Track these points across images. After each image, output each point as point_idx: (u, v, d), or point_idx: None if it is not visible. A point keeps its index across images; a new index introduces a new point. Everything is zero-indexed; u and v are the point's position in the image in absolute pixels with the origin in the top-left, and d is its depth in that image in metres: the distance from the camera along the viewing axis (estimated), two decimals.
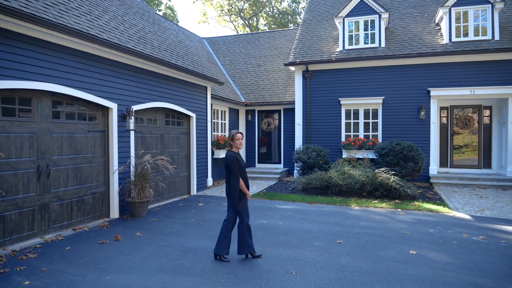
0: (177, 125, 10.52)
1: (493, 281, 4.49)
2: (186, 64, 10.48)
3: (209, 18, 40.39)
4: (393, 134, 12.72)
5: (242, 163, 5.20)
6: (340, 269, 4.91)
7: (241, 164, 5.17)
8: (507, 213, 8.15)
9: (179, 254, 5.52)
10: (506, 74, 11.78)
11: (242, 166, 5.18)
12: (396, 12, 14.81)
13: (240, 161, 5.15)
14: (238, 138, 5.19)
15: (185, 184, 10.87)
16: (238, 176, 5.08)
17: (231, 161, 5.07)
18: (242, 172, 5.18)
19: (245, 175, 5.25)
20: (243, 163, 5.26)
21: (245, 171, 5.29)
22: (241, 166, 5.15)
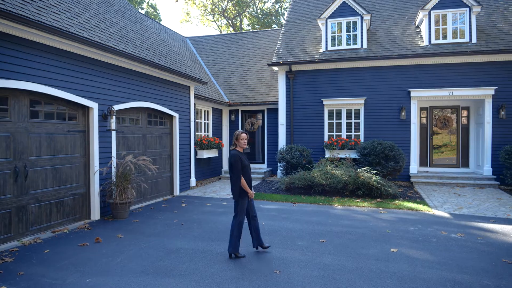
0: (160, 125, 10.41)
1: (471, 277, 4.61)
2: (169, 64, 10.38)
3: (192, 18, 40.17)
4: (374, 134, 12.92)
5: (245, 162, 5.25)
6: (323, 268, 4.95)
7: (244, 163, 5.22)
8: (484, 211, 8.38)
9: (162, 255, 5.47)
10: (483, 76, 12.12)
11: (245, 165, 5.24)
12: (378, 14, 15.05)
13: (243, 160, 5.21)
14: (242, 138, 5.27)
15: (168, 185, 10.77)
16: (240, 174, 5.16)
17: (234, 160, 5.15)
18: (245, 171, 5.25)
19: (248, 174, 5.30)
20: (247, 162, 5.32)
21: (249, 170, 5.35)
22: (243, 165, 5.21)
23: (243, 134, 5.29)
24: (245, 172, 5.25)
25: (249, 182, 5.32)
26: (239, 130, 5.37)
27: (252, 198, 5.46)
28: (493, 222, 7.42)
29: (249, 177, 5.31)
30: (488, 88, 11.93)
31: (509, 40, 12.08)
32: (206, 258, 5.34)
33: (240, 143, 5.29)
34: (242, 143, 5.29)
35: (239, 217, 5.32)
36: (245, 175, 5.25)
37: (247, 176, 5.28)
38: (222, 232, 6.73)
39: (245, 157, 5.33)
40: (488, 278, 4.57)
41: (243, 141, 5.29)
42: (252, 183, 12.82)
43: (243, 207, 5.32)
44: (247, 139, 5.34)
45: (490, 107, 11.99)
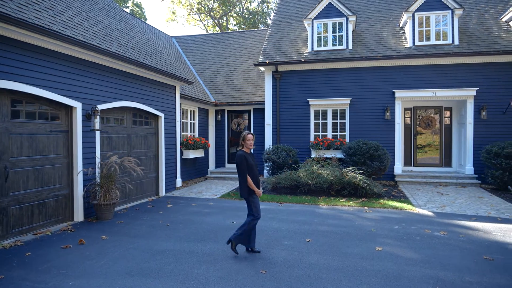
0: (145, 125, 10.31)
1: (453, 274, 4.69)
2: (154, 63, 10.29)
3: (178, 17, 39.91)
4: (360, 134, 13.05)
5: (251, 162, 5.40)
6: (309, 267, 4.97)
7: (250, 163, 5.38)
8: (466, 209, 8.56)
9: (147, 257, 5.41)
10: (465, 77, 12.37)
11: (250, 164, 5.39)
12: (363, 16, 15.20)
13: (248, 160, 5.36)
14: (249, 139, 5.43)
15: (153, 185, 10.67)
16: (246, 174, 5.32)
17: (240, 160, 5.34)
18: (251, 170, 5.39)
19: (254, 173, 5.43)
20: (253, 161, 5.47)
21: (255, 170, 5.47)
22: (249, 164, 5.37)
23: (249, 135, 5.46)
24: (251, 171, 5.40)
25: (256, 181, 5.45)
26: (245, 132, 5.52)
27: (259, 196, 5.56)
28: (474, 220, 7.58)
29: (255, 176, 5.44)
30: (470, 89, 12.18)
31: (490, 42, 12.36)
32: (192, 259, 5.30)
33: (246, 143, 5.46)
34: (249, 144, 5.46)
35: (254, 215, 5.44)
36: (252, 174, 5.39)
37: (253, 175, 5.41)
38: (208, 233, 6.70)
39: (251, 157, 5.50)
40: (470, 275, 4.67)
41: (249, 141, 5.45)
42: (238, 183, 12.84)
43: (256, 205, 5.45)
44: (253, 139, 5.52)
45: (472, 107, 12.25)
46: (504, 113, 12.00)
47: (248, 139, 5.44)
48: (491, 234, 6.53)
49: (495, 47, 12.07)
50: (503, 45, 12.13)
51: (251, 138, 5.48)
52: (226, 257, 5.39)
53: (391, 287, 4.34)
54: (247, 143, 5.46)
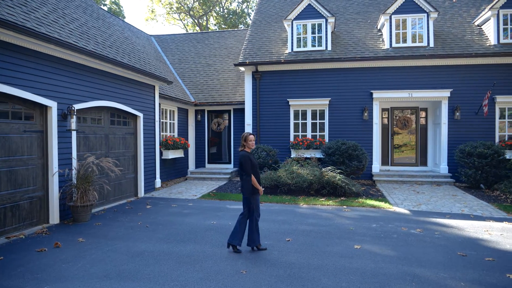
0: (123, 125, 10.13)
1: (429, 270, 4.82)
2: (133, 62, 10.13)
3: (158, 16, 39.36)
4: (339, 134, 13.23)
5: (254, 162, 5.57)
6: (289, 266, 5.00)
7: (253, 163, 5.55)
8: (441, 207, 8.80)
9: (126, 259, 5.32)
10: (440, 78, 12.73)
11: (254, 164, 5.56)
12: (342, 17, 15.42)
13: (252, 160, 5.54)
14: (250, 139, 5.61)
15: (132, 186, 10.50)
16: (250, 173, 5.47)
17: (244, 160, 5.49)
18: (254, 170, 5.55)
19: (257, 173, 5.60)
20: (255, 161, 5.63)
21: (257, 169, 5.65)
22: (253, 164, 5.54)
23: (250, 136, 5.62)
24: (254, 170, 5.56)
25: (258, 180, 5.61)
26: (246, 132, 5.68)
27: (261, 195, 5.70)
28: (449, 217, 7.81)
29: (257, 175, 5.59)
30: (444, 90, 12.54)
31: (463, 45, 12.76)
32: (171, 260, 5.25)
33: (248, 144, 5.60)
34: (250, 144, 5.61)
35: (255, 213, 5.61)
36: (254, 173, 5.54)
37: (256, 174, 5.57)
38: (188, 233, 6.65)
39: (253, 157, 5.66)
40: (444, 271, 4.80)
41: (251, 142, 5.61)
42: (219, 183, 12.82)
43: (256, 203, 5.62)
44: (254, 140, 5.72)
45: (446, 108, 12.62)
46: (477, 113, 12.40)
47: (250, 140, 5.61)
48: (464, 231, 6.74)
49: (468, 50, 12.47)
50: (475, 48, 12.55)
51: (253, 139, 5.65)
52: (206, 257, 5.36)
53: (369, 284, 4.42)
54: (249, 144, 5.61)
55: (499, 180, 10.93)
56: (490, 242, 6.09)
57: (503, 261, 5.17)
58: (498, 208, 8.65)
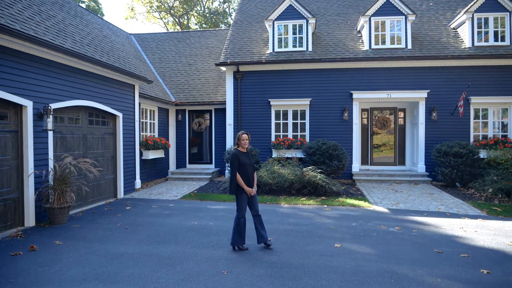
0: (102, 124, 9.94)
1: (407, 267, 4.92)
2: (112, 61, 9.95)
3: (138, 14, 38.78)
4: (319, 134, 13.35)
5: (243, 160, 5.59)
6: (270, 266, 5.01)
7: (241, 161, 5.57)
8: (418, 205, 9.00)
9: (105, 261, 5.22)
10: (417, 80, 13.02)
11: (242, 162, 5.58)
12: (322, 18, 15.57)
13: (240, 158, 5.57)
14: (243, 138, 5.65)
15: (111, 187, 10.31)
16: (235, 171, 5.53)
17: (232, 158, 5.60)
18: (242, 168, 5.58)
19: (246, 172, 5.60)
20: (246, 160, 5.64)
21: (248, 168, 5.64)
22: (241, 162, 5.57)
23: (243, 135, 5.66)
24: (242, 169, 5.58)
25: (247, 179, 5.61)
26: (240, 131, 5.72)
27: (252, 195, 5.66)
28: (426, 215, 7.99)
29: (247, 175, 5.61)
30: (422, 91, 12.84)
31: (440, 48, 13.09)
32: (151, 262, 5.18)
33: (241, 143, 5.66)
34: (243, 143, 5.65)
35: (238, 213, 5.62)
36: (242, 172, 5.57)
37: (244, 173, 5.58)
38: (169, 234, 6.58)
39: (245, 156, 5.68)
40: (421, 268, 4.91)
41: (244, 141, 5.64)
42: (200, 184, 12.74)
43: (240, 203, 5.60)
44: (248, 139, 5.69)
45: (424, 109, 12.92)
46: (452, 114, 12.74)
47: (242, 139, 5.64)
48: (440, 228, 6.91)
49: (444, 52, 12.80)
50: (451, 50, 12.89)
51: (246, 138, 5.66)
52: (187, 258, 5.32)
53: (349, 282, 4.48)
54: (241, 142, 5.65)
55: (473, 179, 11.27)
56: (465, 239, 6.27)
57: (477, 257, 5.33)
58: (472, 206, 8.91)
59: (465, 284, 4.39)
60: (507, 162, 11.24)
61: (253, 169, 5.77)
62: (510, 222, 7.40)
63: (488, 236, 6.43)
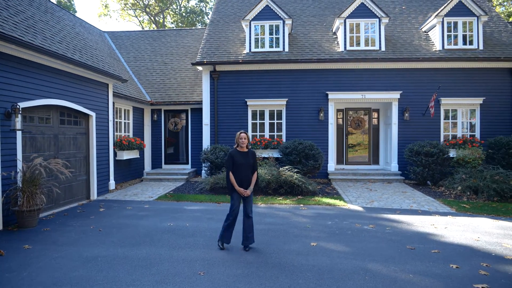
0: (74, 124, 9.67)
1: (380, 264, 5.04)
2: (85, 59, 9.70)
3: (112, 12, 37.95)
4: (296, 134, 13.46)
5: (238, 160, 5.60)
6: (247, 266, 5.02)
7: (236, 161, 5.60)
8: (391, 203, 9.22)
9: (77, 265, 5.07)
10: (391, 81, 13.34)
11: (236, 162, 5.61)
12: (299, 20, 15.71)
13: (235, 158, 5.61)
14: (241, 138, 5.68)
15: (84, 189, 10.04)
16: (229, 171, 5.62)
17: (227, 158, 5.69)
18: (236, 168, 5.61)
19: (239, 172, 5.62)
20: (242, 160, 5.63)
21: (243, 169, 5.64)
22: (235, 162, 5.60)
23: (242, 134, 5.69)
24: (236, 169, 5.62)
25: (241, 179, 5.62)
26: (240, 131, 5.74)
27: (245, 195, 5.64)
28: (399, 213, 8.20)
29: (240, 175, 5.62)
30: (395, 92, 13.16)
31: (412, 50, 13.46)
32: (126, 265, 5.08)
33: (239, 142, 5.69)
34: (240, 142, 5.67)
35: (229, 211, 5.67)
36: (236, 172, 5.62)
37: (238, 173, 5.61)
38: (144, 236, 6.47)
39: (243, 155, 5.68)
40: (395, 264, 5.04)
41: (241, 140, 5.66)
42: (176, 184, 12.59)
43: (232, 202, 5.65)
44: (246, 138, 5.69)
45: (397, 109, 13.25)
46: (424, 115, 13.13)
47: (240, 138, 5.67)
48: (413, 226, 7.11)
49: (416, 55, 13.17)
50: (422, 52, 13.28)
51: (244, 137, 5.67)
52: (163, 260, 5.24)
53: (325, 280, 4.54)
54: (238, 141, 5.70)
55: (444, 177, 11.65)
56: (436, 235, 6.47)
57: (447, 253, 5.52)
58: (443, 203, 9.22)
59: (435, 279, 4.54)
60: (474, 161, 11.71)
61: (250, 169, 5.71)
62: (477, 219, 7.70)
63: (457, 232, 6.67)
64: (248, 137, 5.78)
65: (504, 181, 9.78)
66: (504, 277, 4.62)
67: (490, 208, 8.69)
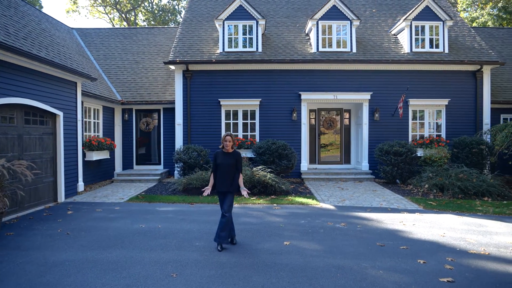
0: (40, 124, 9.31)
1: (352, 261, 5.14)
2: (51, 56, 9.36)
3: (81, 8, 36.85)
4: (269, 134, 13.53)
5: (219, 161, 5.81)
6: (220, 266, 4.99)
7: (218, 162, 5.82)
8: (362, 202, 9.44)
9: (43, 270, 4.88)
10: (361, 82, 13.64)
11: (218, 164, 5.81)
12: (272, 20, 15.79)
13: (218, 159, 5.85)
14: (225, 140, 5.83)
15: (50, 191, 9.68)
16: (211, 171, 5.95)
17: (212, 158, 5.96)
18: (219, 169, 5.82)
19: (220, 172, 5.81)
20: (223, 161, 5.81)
21: (222, 169, 5.79)
22: (217, 164, 5.83)
23: (227, 137, 5.84)
24: (219, 169, 5.83)
25: (221, 179, 5.80)
26: (226, 133, 5.91)
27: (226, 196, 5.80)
28: (369, 211, 8.40)
29: (221, 175, 5.81)
30: (365, 93, 13.48)
31: (382, 52, 13.82)
32: (95, 268, 4.94)
33: (223, 144, 5.85)
34: (225, 144, 5.83)
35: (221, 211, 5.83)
36: (218, 172, 5.83)
37: (219, 173, 5.83)
38: (115, 239, 6.31)
39: (226, 156, 5.84)
40: (365, 261, 5.15)
41: (225, 142, 5.82)
42: (148, 185, 12.36)
43: (220, 201, 5.92)
44: (230, 141, 5.83)
45: (367, 110, 13.57)
46: (393, 115, 13.51)
47: (224, 140, 5.83)
48: (382, 223, 7.30)
49: (386, 57, 13.54)
50: (392, 55, 13.67)
51: (228, 139, 5.82)
52: (134, 263, 5.14)
53: (298, 278, 4.58)
54: (223, 143, 5.86)
55: (412, 175, 12.03)
56: (404, 232, 6.67)
57: (415, 249, 5.70)
58: (411, 201, 9.52)
59: (403, 275, 4.68)
60: (440, 160, 12.15)
61: (231, 169, 5.80)
62: (443, 215, 8.00)
63: (424, 228, 6.90)
64: (233, 139, 5.89)
65: (468, 179, 10.22)
66: (468, 270, 4.82)
67: (455, 205, 9.05)
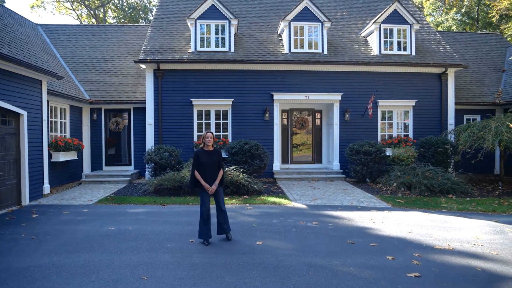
0: (3, 124, 8.89)
1: (323, 259, 5.22)
2: (14, 53, 8.96)
3: (46, 3, 35.46)
4: (242, 134, 13.53)
5: (203, 159, 5.95)
6: (192, 268, 4.94)
7: (201, 160, 5.95)
8: (333, 201, 9.61)
9: (5, 277, 4.67)
10: (332, 83, 13.89)
11: (201, 161, 5.95)
12: (244, 20, 15.80)
13: (200, 157, 5.96)
14: (206, 137, 6.01)
15: (14, 194, 9.26)
16: (193, 169, 5.99)
17: (193, 156, 6.03)
18: (201, 167, 5.97)
19: (203, 170, 5.97)
20: (206, 159, 5.96)
21: (209, 167, 5.97)
22: (200, 161, 5.96)
23: (208, 134, 6.03)
24: (201, 167, 5.97)
25: (206, 177, 5.96)
26: (206, 131, 6.15)
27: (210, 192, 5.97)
28: (340, 210, 8.56)
29: (204, 173, 5.97)
30: (336, 94, 13.73)
31: (352, 54, 14.12)
32: (63, 273, 4.77)
33: (205, 141, 6.00)
34: (206, 141, 5.99)
35: (200, 208, 6.06)
36: (201, 171, 5.97)
37: (202, 171, 5.97)
38: (83, 242, 6.12)
39: (208, 154, 6.01)
40: (336, 259, 5.25)
41: (207, 139, 5.99)
42: (118, 187, 12.07)
43: (201, 198, 6.08)
44: (211, 138, 6.02)
45: (338, 110, 13.82)
46: (363, 116, 13.83)
47: (206, 137, 5.99)
48: (353, 221, 7.46)
49: (356, 59, 13.84)
50: (362, 57, 13.99)
51: (209, 136, 5.99)
52: (103, 266, 5.00)
53: (271, 277, 4.61)
54: (205, 141, 5.99)
55: (381, 174, 12.36)
56: (374, 229, 6.85)
57: (384, 245, 5.86)
58: (380, 199, 9.78)
59: (373, 271, 4.80)
60: (408, 159, 12.56)
61: (215, 167, 6.04)
62: (410, 212, 8.27)
63: (393, 226, 7.11)
64: (214, 136, 6.09)
65: (434, 177, 10.62)
66: (434, 265, 5.00)
67: (421, 202, 9.38)
